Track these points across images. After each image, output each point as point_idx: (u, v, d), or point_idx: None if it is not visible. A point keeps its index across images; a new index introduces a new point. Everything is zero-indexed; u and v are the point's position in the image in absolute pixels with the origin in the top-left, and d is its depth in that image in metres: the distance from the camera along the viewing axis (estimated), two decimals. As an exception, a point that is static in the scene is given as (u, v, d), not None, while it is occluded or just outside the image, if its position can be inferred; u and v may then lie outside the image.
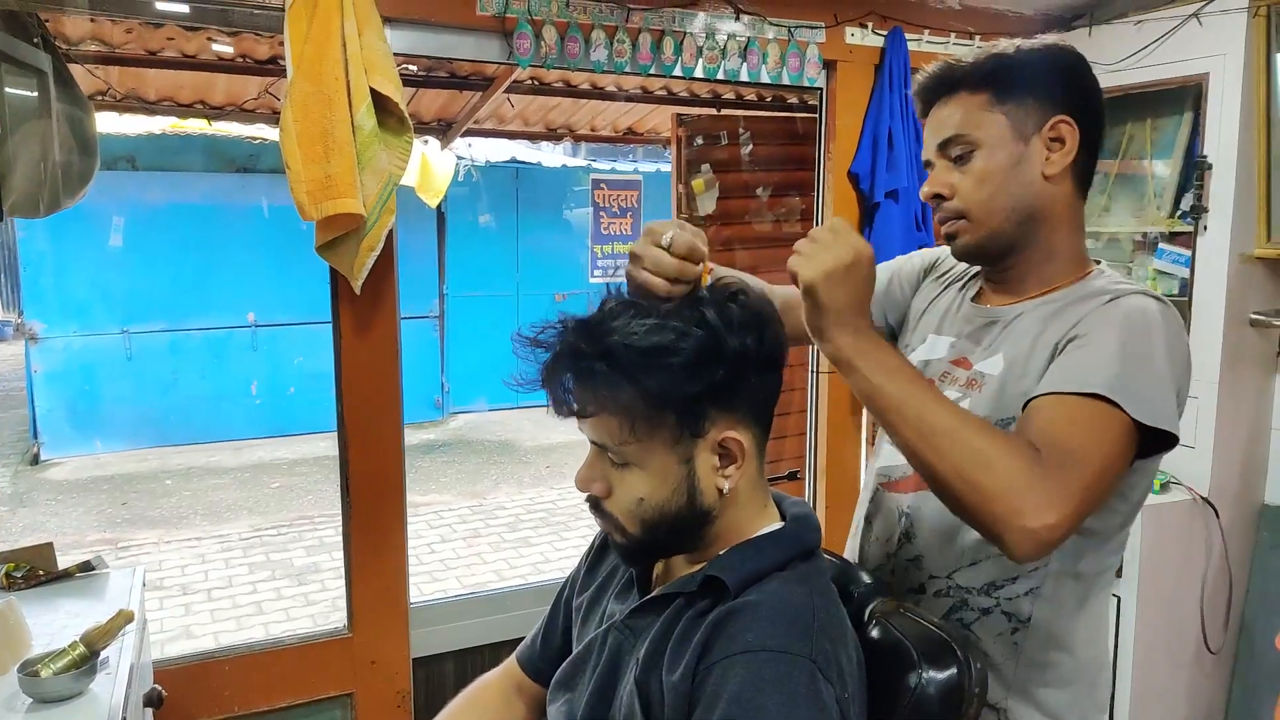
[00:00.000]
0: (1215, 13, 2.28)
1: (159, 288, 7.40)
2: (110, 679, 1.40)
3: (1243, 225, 2.30)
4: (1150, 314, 1.05)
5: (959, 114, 1.15)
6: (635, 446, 0.92)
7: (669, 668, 0.90)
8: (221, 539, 5.63)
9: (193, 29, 2.60)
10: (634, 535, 0.96)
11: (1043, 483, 0.92)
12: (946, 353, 1.24)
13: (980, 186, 1.14)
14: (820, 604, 0.93)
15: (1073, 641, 1.16)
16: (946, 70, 1.17)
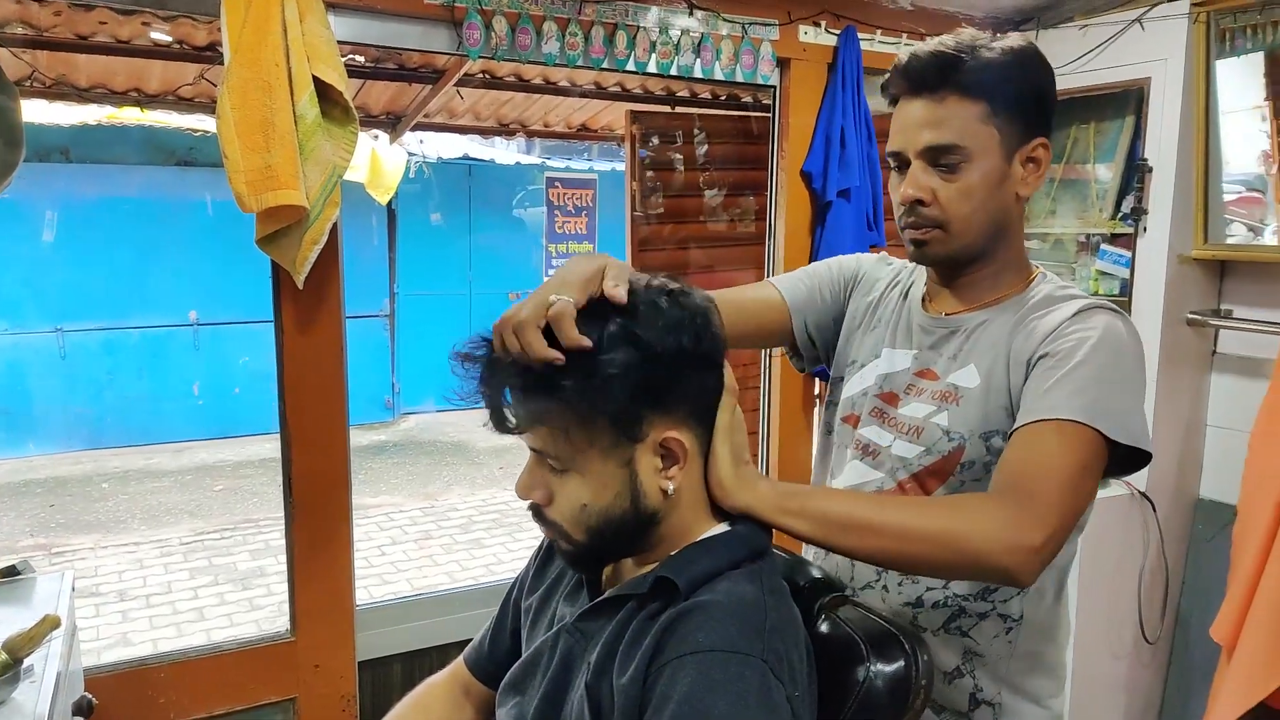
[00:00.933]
0: (1157, 18, 2.33)
1: (94, 285, 7.20)
2: (35, 688, 1.34)
3: (1181, 227, 2.35)
4: (1119, 333, 1.09)
5: (956, 121, 1.13)
6: (573, 454, 0.90)
7: (619, 671, 0.89)
8: (161, 544, 5.49)
9: (127, 13, 2.52)
10: (579, 542, 0.94)
11: (1016, 514, 0.98)
12: (910, 364, 1.24)
13: (965, 200, 1.14)
14: (772, 603, 0.92)
15: (1055, 629, 1.23)
16: (944, 62, 1.13)
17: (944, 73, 1.12)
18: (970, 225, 1.15)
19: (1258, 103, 2.24)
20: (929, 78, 1.13)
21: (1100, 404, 1.02)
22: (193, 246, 7.32)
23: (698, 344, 0.92)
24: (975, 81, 1.12)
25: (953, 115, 1.12)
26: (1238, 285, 2.43)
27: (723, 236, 3.24)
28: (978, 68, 1.12)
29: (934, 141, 1.13)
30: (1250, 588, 2.08)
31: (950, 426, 1.16)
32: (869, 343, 1.31)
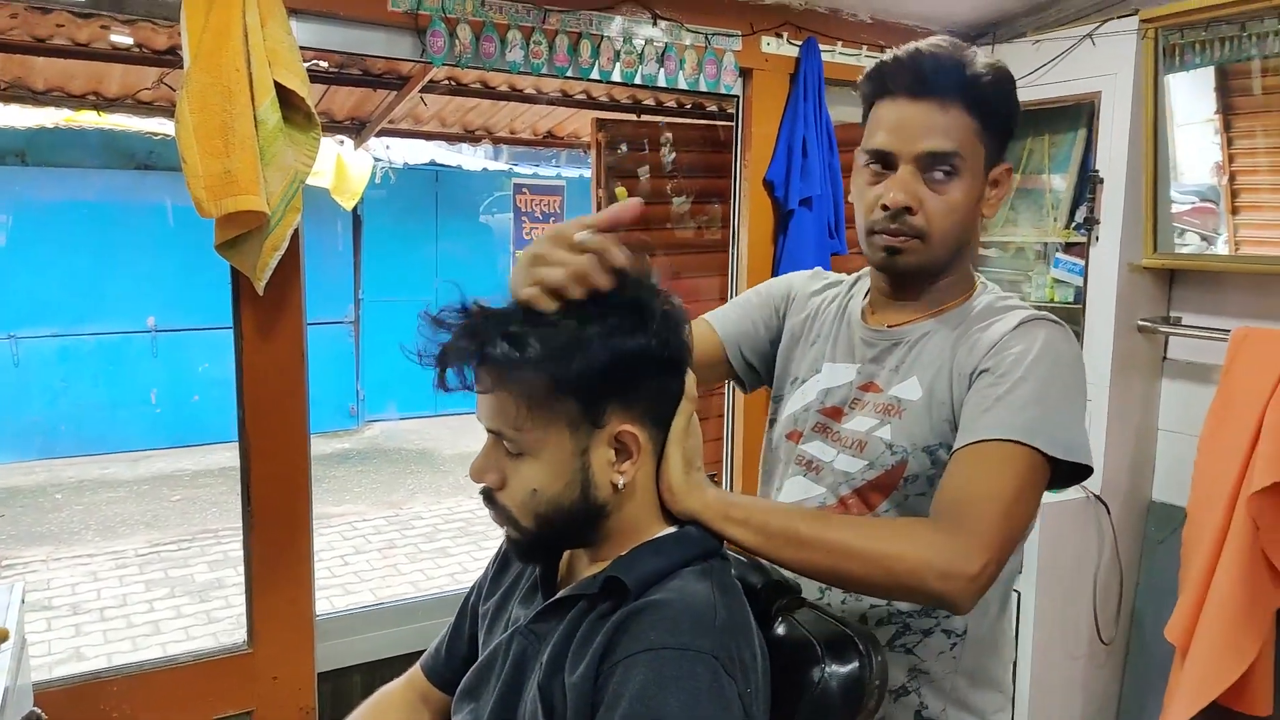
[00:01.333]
0: (1107, 34, 2.39)
1: (50, 290, 7.06)
2: (-19, 701, 1.32)
3: (1131, 236, 2.41)
4: (1058, 347, 1.09)
5: (957, 132, 1.11)
6: (532, 433, 0.91)
7: (571, 669, 0.90)
8: (116, 555, 5.39)
9: (86, 16, 2.48)
10: (527, 528, 0.95)
11: (954, 541, 0.98)
12: (854, 378, 1.23)
13: (950, 214, 1.13)
14: (723, 601, 0.93)
15: (999, 643, 1.23)
16: (956, 70, 1.11)
17: (955, 80, 1.10)
18: (947, 239, 1.15)
19: (1209, 116, 2.30)
20: (940, 82, 1.11)
21: (1040, 422, 1.03)
22: (152, 251, 7.21)
23: (667, 347, 0.94)
24: (979, 96, 1.11)
25: (956, 125, 1.11)
26: (1187, 293, 2.48)
27: (689, 243, 3.27)
28: (983, 83, 1.11)
29: (937, 148, 1.11)
30: (1202, 588, 2.13)
31: (893, 440, 1.16)
32: (809, 358, 1.30)
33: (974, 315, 1.17)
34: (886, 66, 1.15)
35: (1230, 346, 2.21)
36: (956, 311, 1.19)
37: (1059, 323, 1.13)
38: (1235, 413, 2.15)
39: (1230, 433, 2.15)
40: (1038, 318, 1.13)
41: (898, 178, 1.12)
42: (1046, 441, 1.02)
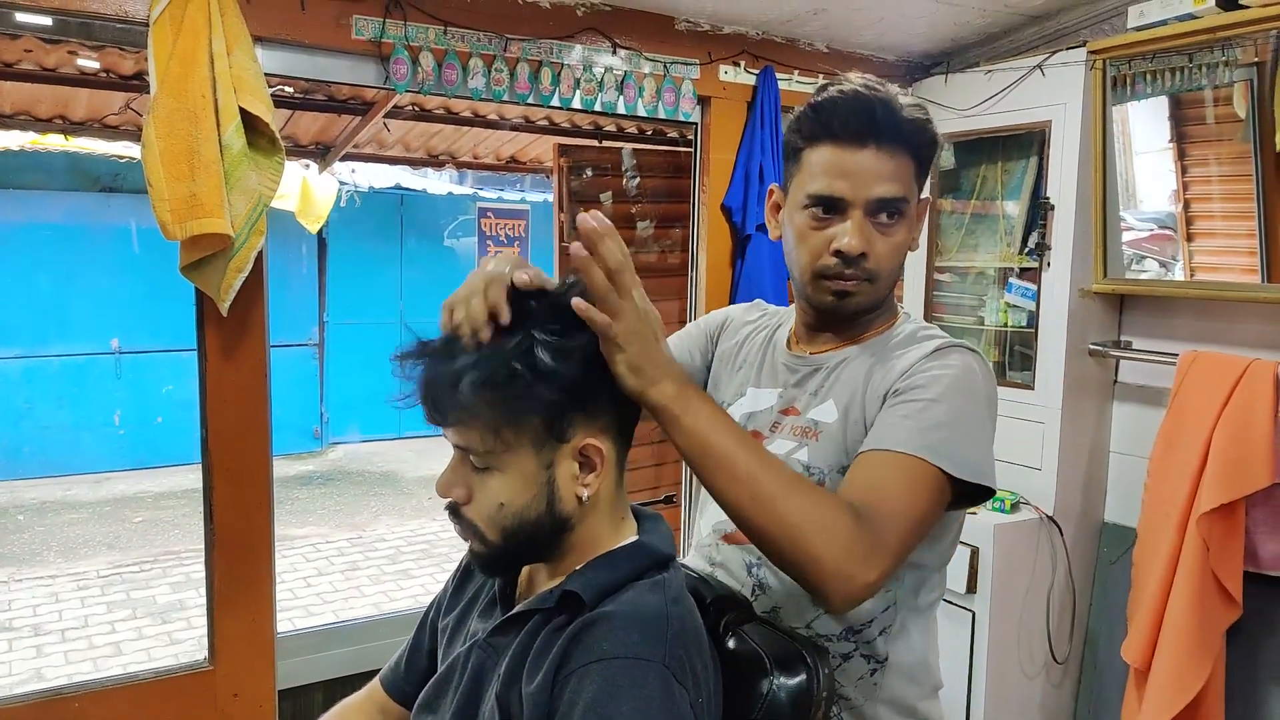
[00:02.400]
0: (1056, 65, 2.45)
1: (12, 311, 6.99)
2: (-60, 718, 1.32)
3: (1081, 262, 2.45)
4: (973, 373, 1.12)
5: (903, 176, 1.14)
6: (497, 451, 0.94)
7: (528, 679, 0.92)
8: (77, 576, 5.32)
9: (53, 41, 2.49)
10: (493, 543, 0.97)
11: (863, 544, 0.97)
12: (775, 403, 1.25)
13: (896, 255, 1.17)
14: (674, 612, 0.95)
15: (922, 673, 1.23)
16: (900, 116, 1.13)
17: (897, 127, 1.12)
18: (891, 279, 1.18)
19: (1165, 144, 2.36)
20: (886, 129, 1.12)
21: (948, 444, 1.05)
22: (116, 273, 7.16)
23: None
24: (917, 140, 1.14)
25: (901, 170, 1.13)
26: (1136, 318, 2.53)
27: (652, 267, 3.30)
28: (919, 126, 1.14)
29: (888, 195, 1.12)
30: (1157, 608, 2.16)
31: (810, 462, 1.18)
32: (735, 382, 1.32)
33: (894, 343, 1.20)
34: (827, 110, 1.14)
35: (1179, 370, 2.25)
36: (878, 339, 1.22)
37: (976, 350, 1.16)
38: (1184, 434, 2.18)
39: (1180, 454, 2.18)
40: (955, 345, 1.15)
41: (853, 225, 1.13)
42: (952, 463, 1.04)
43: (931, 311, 2.81)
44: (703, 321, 1.43)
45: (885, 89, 1.15)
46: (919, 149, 1.15)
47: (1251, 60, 2.10)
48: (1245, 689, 2.20)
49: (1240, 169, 2.20)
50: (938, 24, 2.54)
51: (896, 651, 1.19)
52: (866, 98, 1.13)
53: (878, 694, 1.19)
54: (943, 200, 2.81)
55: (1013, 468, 2.57)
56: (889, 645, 1.18)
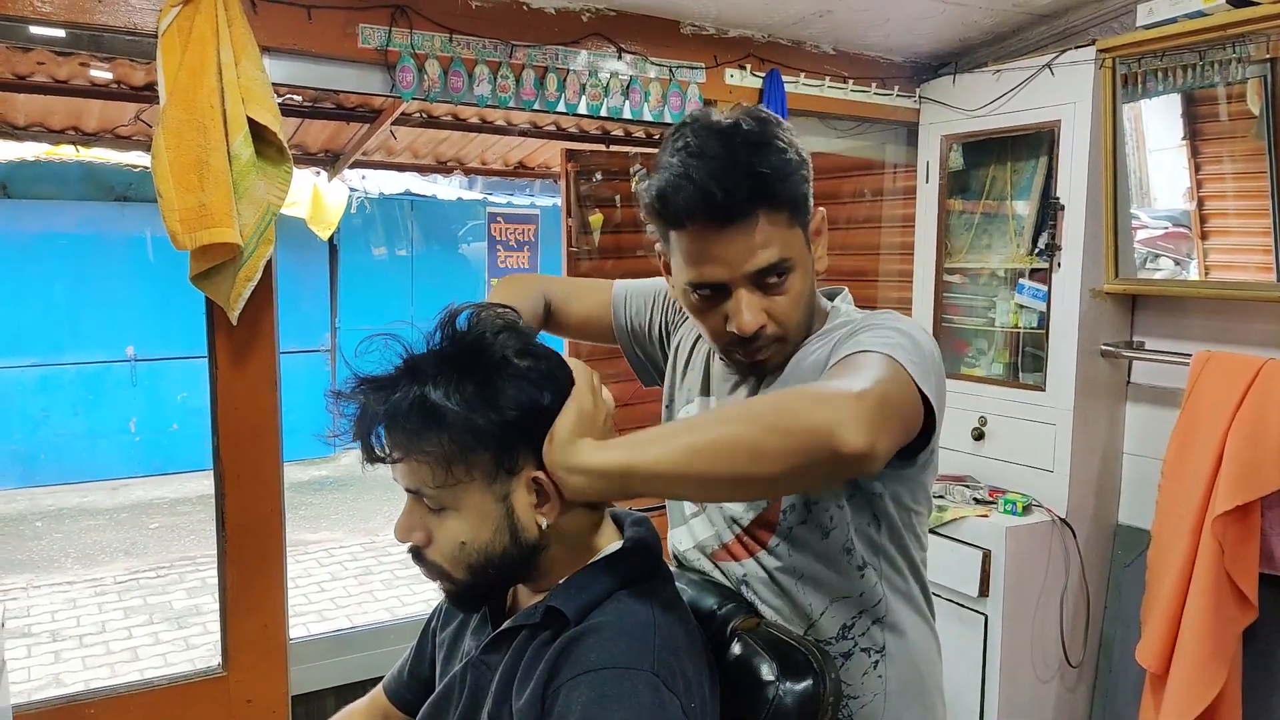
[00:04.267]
0: (1066, 64, 2.44)
1: (29, 320, 7.06)
2: (-41, 724, 1.33)
3: (1093, 262, 2.44)
4: (904, 321, 1.09)
5: (776, 236, 1.06)
6: (450, 489, 0.93)
7: (517, 695, 0.92)
8: (95, 582, 5.36)
9: (65, 54, 2.52)
10: (461, 580, 0.97)
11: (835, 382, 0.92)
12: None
13: (797, 306, 1.11)
14: (663, 620, 0.95)
15: (921, 661, 1.22)
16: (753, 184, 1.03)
17: (749, 195, 1.03)
18: (802, 324, 1.14)
19: (1179, 142, 2.34)
20: (740, 206, 1.04)
21: (900, 350, 0.99)
22: (130, 282, 7.22)
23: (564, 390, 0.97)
24: (775, 192, 1.05)
25: (771, 232, 1.06)
26: (1149, 318, 2.52)
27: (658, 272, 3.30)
28: (780, 177, 1.05)
29: (765, 264, 1.06)
30: (1171, 611, 2.14)
31: None
32: (687, 384, 1.30)
33: (821, 335, 1.16)
34: (665, 201, 1.06)
35: (1192, 370, 2.24)
36: (816, 334, 1.17)
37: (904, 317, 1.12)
38: (1198, 436, 2.17)
39: (1194, 455, 2.17)
40: (882, 311, 1.14)
41: (741, 303, 1.08)
42: (905, 362, 0.97)
43: (942, 313, 2.79)
44: (661, 293, 1.41)
45: (716, 147, 1.04)
46: (780, 196, 1.06)
47: (1265, 56, 2.08)
48: (1262, 691, 2.18)
49: (1255, 166, 2.18)
50: (945, 24, 2.53)
51: (894, 641, 1.19)
52: (698, 183, 1.02)
53: (884, 686, 1.19)
54: (952, 201, 2.80)
55: (1024, 469, 2.56)
56: (885, 634, 1.18)
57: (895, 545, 1.18)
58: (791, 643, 1.09)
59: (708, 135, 1.06)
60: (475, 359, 0.93)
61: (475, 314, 0.98)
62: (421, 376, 0.92)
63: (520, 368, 0.94)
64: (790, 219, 1.08)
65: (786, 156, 1.06)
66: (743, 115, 1.08)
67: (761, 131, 1.06)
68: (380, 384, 0.93)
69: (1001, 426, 2.62)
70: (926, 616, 1.24)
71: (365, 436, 0.93)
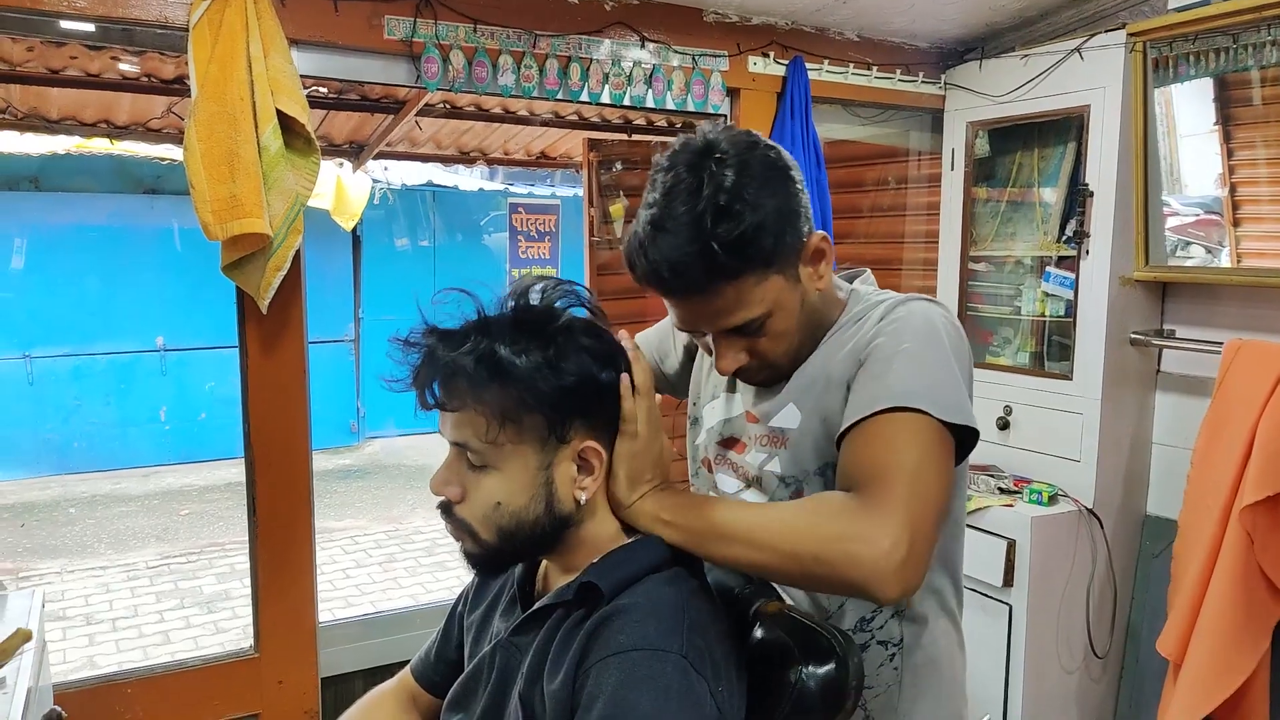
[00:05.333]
0: (1096, 48, 2.41)
1: (62, 311, 7.17)
2: (7, 698, 1.37)
3: (1122, 249, 2.41)
4: (931, 318, 1.09)
5: (741, 299, 1.06)
6: (498, 448, 0.95)
7: (549, 677, 0.93)
8: (127, 567, 5.45)
9: (97, 48, 2.56)
10: (487, 542, 0.98)
11: (866, 517, 0.94)
12: (740, 410, 1.25)
13: (781, 340, 1.12)
14: (692, 603, 0.96)
15: (946, 655, 1.22)
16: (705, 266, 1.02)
17: (711, 273, 1.03)
18: (792, 349, 1.14)
19: (1211, 127, 2.30)
20: (695, 285, 1.04)
21: (919, 387, 1.00)
22: (160, 273, 7.32)
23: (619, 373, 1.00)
24: (739, 260, 1.02)
25: (734, 299, 1.05)
26: (1179, 306, 2.49)
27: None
28: (734, 248, 1.01)
29: (729, 325, 1.08)
30: (1195, 602, 2.12)
31: (784, 472, 1.16)
32: (711, 384, 1.32)
33: (845, 328, 1.16)
34: (634, 268, 1.07)
35: (1223, 359, 2.21)
36: (834, 327, 1.17)
37: (929, 299, 1.13)
38: (1229, 425, 2.15)
39: (1224, 445, 2.14)
40: (903, 299, 1.13)
41: (720, 348, 1.12)
42: (932, 405, 0.99)
43: (966, 301, 2.78)
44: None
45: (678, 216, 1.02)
46: (745, 264, 1.03)
47: (1300, 39, 2.05)
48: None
49: (1289, 151, 2.15)
50: (971, 8, 2.51)
51: (914, 636, 1.19)
52: (650, 260, 1.03)
53: (899, 678, 1.19)
54: (977, 189, 2.78)
55: (1050, 459, 2.54)
56: (903, 627, 1.18)
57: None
58: (815, 627, 1.08)
59: (672, 197, 1.03)
60: (544, 327, 0.96)
61: (548, 288, 1.01)
62: (492, 334, 0.95)
63: (584, 343, 0.97)
64: (761, 274, 1.05)
65: (754, 219, 1.02)
66: (720, 163, 1.04)
67: (731, 189, 1.02)
68: (450, 335, 0.96)
69: (1027, 416, 2.60)
70: (951, 611, 1.23)
71: (426, 384, 0.95)
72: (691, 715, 0.87)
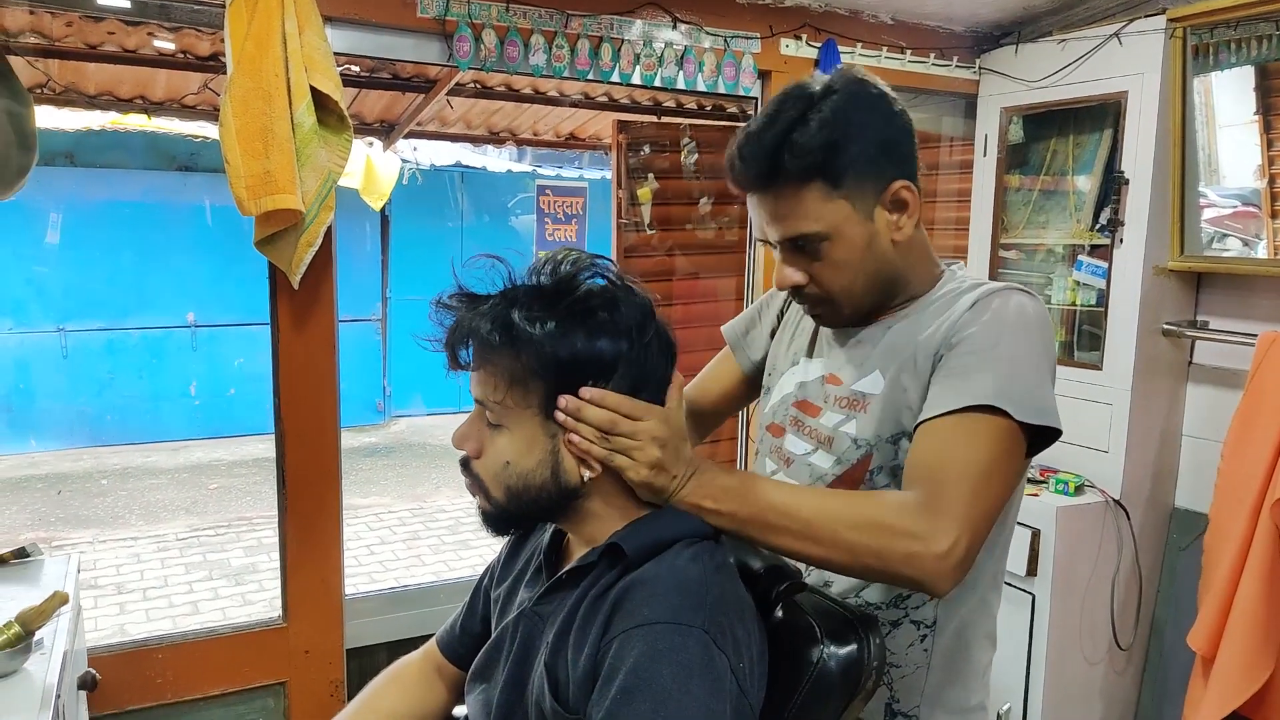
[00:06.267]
0: (1134, 33, 2.37)
1: (96, 286, 7.28)
2: (45, 659, 1.41)
3: (1157, 239, 2.38)
4: (1026, 311, 1.09)
5: (800, 209, 1.09)
6: (507, 410, 0.98)
7: (574, 648, 0.94)
8: (158, 539, 5.56)
9: (134, 23, 2.58)
10: (497, 500, 1.00)
11: (928, 517, 0.97)
12: (822, 373, 1.25)
13: (839, 274, 1.13)
14: (715, 580, 0.96)
15: (973, 640, 1.21)
16: (767, 158, 1.08)
17: (771, 168, 1.08)
18: (854, 291, 1.15)
19: (1251, 117, 2.27)
20: (758, 177, 1.10)
21: (1006, 386, 1.01)
22: (191, 250, 7.41)
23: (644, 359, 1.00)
24: (803, 166, 1.07)
25: (794, 205, 1.09)
26: (1214, 297, 2.45)
27: (709, 244, 3.29)
28: (802, 151, 1.07)
29: (785, 235, 1.12)
30: (1226, 595, 2.10)
31: (858, 434, 1.17)
32: (790, 351, 1.33)
33: (936, 302, 1.17)
34: (726, 164, 1.14)
35: (1257, 351, 2.18)
36: (918, 303, 1.19)
37: (1025, 290, 1.13)
38: (1261, 418, 2.12)
39: (1256, 438, 2.12)
40: (1001, 288, 1.13)
41: (779, 263, 1.16)
42: (1016, 406, 1.01)
43: (996, 289, 2.75)
44: (778, 296, 1.42)
45: (765, 115, 1.10)
46: (816, 168, 1.07)
47: (1344, 27, 2.01)
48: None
49: (1331, 143, 2.11)
50: (1009, -8, 2.48)
51: (946, 616, 1.18)
52: (732, 149, 1.12)
53: (929, 659, 1.19)
54: (1009, 176, 2.75)
55: (1078, 449, 2.52)
56: (938, 610, 1.18)
57: None
58: (837, 607, 1.09)
59: (775, 105, 1.11)
60: (561, 299, 0.97)
61: (579, 260, 1.02)
62: (512, 300, 0.97)
63: (599, 316, 0.97)
64: (827, 191, 1.08)
65: (830, 135, 1.07)
66: (825, 90, 1.10)
67: (823, 108, 1.08)
68: (476, 300, 0.99)
69: (1055, 405, 2.58)
70: (988, 601, 1.22)
71: (451, 343, 0.99)
72: (712, 690, 0.87)
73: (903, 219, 1.13)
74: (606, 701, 0.87)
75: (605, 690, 0.88)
